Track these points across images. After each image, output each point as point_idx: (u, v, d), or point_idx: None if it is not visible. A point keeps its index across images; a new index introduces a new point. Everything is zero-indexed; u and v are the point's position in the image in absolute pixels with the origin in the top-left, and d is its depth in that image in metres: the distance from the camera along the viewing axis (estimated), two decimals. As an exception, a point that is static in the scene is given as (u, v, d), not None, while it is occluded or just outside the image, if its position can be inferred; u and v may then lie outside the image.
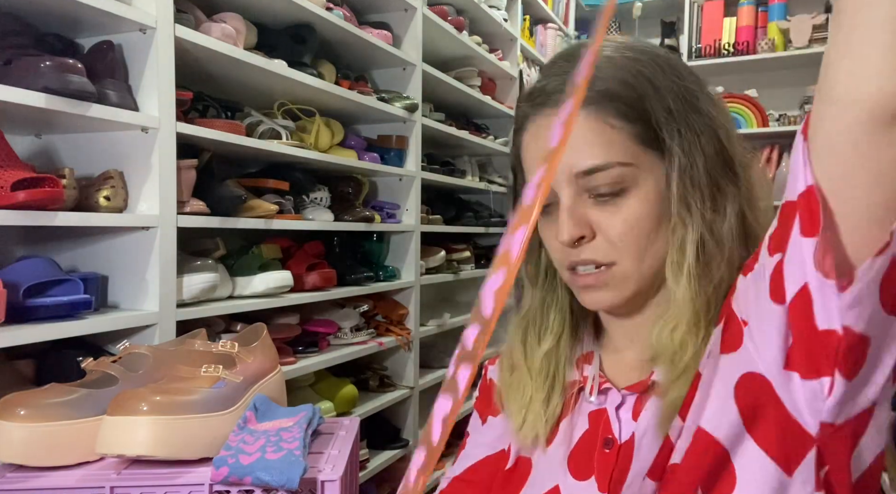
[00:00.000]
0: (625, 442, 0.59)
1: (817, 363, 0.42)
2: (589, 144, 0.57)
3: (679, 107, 0.58)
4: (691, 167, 0.57)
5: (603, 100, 0.57)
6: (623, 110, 0.57)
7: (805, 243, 0.41)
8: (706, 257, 0.56)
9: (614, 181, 0.57)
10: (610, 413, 0.61)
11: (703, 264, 0.56)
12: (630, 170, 0.57)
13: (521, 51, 2.97)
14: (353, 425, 0.98)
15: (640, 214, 0.58)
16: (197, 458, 0.79)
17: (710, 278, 0.56)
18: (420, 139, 2.13)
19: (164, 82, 1.20)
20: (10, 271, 1.03)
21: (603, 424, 0.61)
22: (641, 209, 0.58)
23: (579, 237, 0.58)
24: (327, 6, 1.66)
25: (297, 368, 1.53)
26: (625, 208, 0.58)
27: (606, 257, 0.59)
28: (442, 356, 2.36)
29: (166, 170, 1.20)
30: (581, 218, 0.58)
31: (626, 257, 0.58)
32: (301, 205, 1.68)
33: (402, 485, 0.27)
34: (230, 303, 1.39)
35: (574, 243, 0.59)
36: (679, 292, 0.57)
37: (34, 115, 1.10)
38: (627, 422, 0.60)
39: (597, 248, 0.59)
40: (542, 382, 0.65)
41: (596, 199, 0.58)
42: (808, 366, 0.43)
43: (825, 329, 0.41)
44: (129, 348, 0.89)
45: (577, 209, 0.59)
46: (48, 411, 0.78)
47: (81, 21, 1.16)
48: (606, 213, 0.58)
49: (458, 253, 2.50)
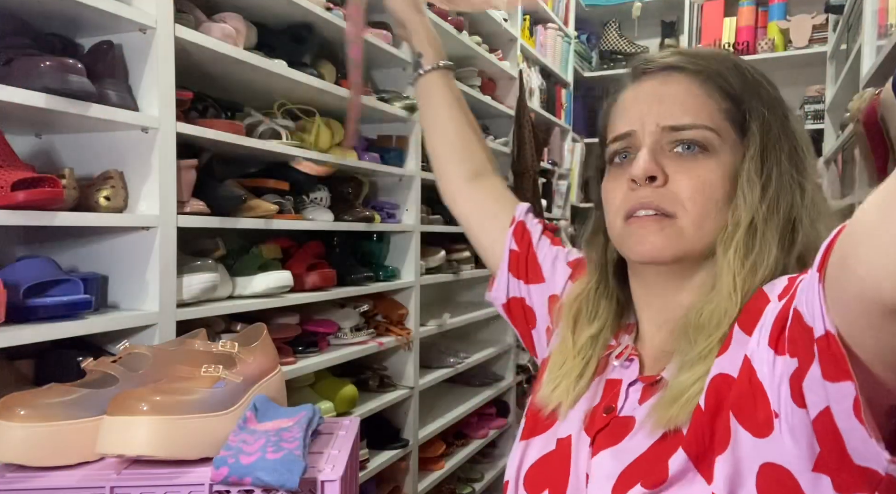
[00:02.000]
0: (622, 417, 0.64)
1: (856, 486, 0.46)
2: (684, 105, 0.62)
3: (769, 106, 0.63)
4: (762, 155, 0.61)
5: (711, 73, 0.63)
6: (724, 88, 0.62)
7: (830, 387, 0.42)
8: (753, 240, 0.59)
9: (697, 140, 0.61)
10: (623, 386, 0.66)
11: (749, 245, 0.59)
12: (714, 136, 0.61)
13: (521, 51, 2.97)
14: (353, 425, 0.98)
15: (712, 178, 0.60)
16: (197, 458, 0.79)
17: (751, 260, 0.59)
18: (420, 139, 2.13)
19: (164, 82, 1.20)
20: (10, 271, 1.03)
21: (613, 394, 0.66)
22: (714, 174, 0.61)
23: (652, 177, 0.61)
24: (327, 6, 1.66)
25: (297, 368, 1.53)
26: (700, 167, 0.61)
27: (671, 206, 0.61)
28: (442, 356, 2.36)
29: (166, 170, 1.20)
30: (658, 162, 0.62)
31: (688, 214, 0.61)
32: (301, 205, 1.68)
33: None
34: (230, 303, 1.39)
35: (646, 181, 0.61)
36: (725, 265, 0.59)
37: (34, 115, 1.09)
38: (632, 402, 0.64)
39: (664, 195, 0.61)
40: (580, 361, 0.70)
41: (675, 153, 0.62)
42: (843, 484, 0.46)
43: (863, 466, 0.43)
44: (129, 348, 0.89)
45: (656, 154, 0.62)
46: (48, 411, 0.78)
47: (81, 21, 1.16)
48: (683, 167, 0.61)
49: (458, 253, 2.50)
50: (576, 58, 3.79)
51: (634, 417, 0.62)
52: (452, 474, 2.36)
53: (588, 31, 4.13)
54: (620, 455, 0.60)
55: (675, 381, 0.59)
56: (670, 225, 0.61)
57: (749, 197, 0.60)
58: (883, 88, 1.60)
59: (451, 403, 2.42)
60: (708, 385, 0.55)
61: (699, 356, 0.58)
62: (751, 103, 0.62)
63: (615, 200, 0.65)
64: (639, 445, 0.59)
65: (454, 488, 2.45)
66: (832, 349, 0.41)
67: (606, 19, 4.02)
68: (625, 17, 3.94)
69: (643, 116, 0.64)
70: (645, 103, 0.64)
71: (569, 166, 3.66)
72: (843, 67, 2.70)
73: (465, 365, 2.40)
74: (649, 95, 0.64)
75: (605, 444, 0.62)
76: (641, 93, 0.65)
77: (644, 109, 0.64)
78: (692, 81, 0.63)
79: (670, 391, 0.58)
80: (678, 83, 0.63)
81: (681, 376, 0.58)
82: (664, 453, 0.56)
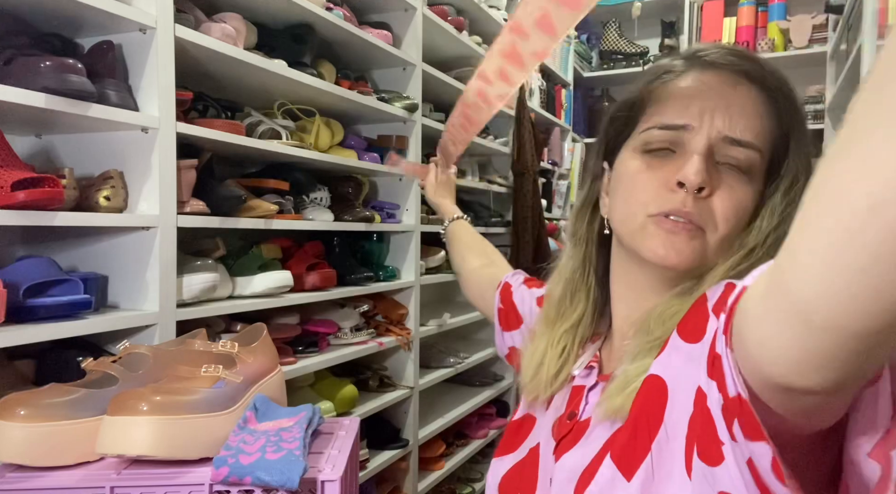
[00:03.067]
0: (583, 421, 0.64)
1: None
2: (749, 119, 0.59)
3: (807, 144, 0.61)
4: (796, 193, 0.59)
5: (775, 94, 0.60)
6: (780, 114, 0.60)
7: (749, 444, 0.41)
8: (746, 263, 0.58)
9: (747, 162, 0.59)
10: (584, 392, 0.67)
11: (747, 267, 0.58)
12: (759, 159, 0.59)
13: (521, 51, 2.96)
14: (353, 425, 0.98)
15: (747, 202, 0.60)
16: (197, 458, 0.79)
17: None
18: (420, 139, 2.13)
19: (164, 82, 1.20)
20: (10, 271, 1.03)
21: (577, 401, 0.67)
22: (749, 199, 0.60)
23: (701, 188, 0.58)
24: (327, 6, 1.66)
25: (297, 368, 1.53)
26: (740, 190, 0.59)
27: (703, 220, 0.59)
28: (442, 356, 2.36)
29: (166, 170, 1.20)
30: (709, 173, 0.59)
31: (718, 233, 0.59)
32: (301, 205, 1.68)
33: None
34: (230, 303, 1.39)
35: (697, 190, 0.58)
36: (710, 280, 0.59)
37: (34, 115, 1.09)
38: (592, 406, 0.65)
39: (702, 207, 0.59)
40: (557, 354, 0.71)
41: (722, 166, 0.60)
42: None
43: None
44: (129, 348, 0.89)
45: (708, 163, 0.59)
46: (48, 411, 0.78)
47: (81, 21, 1.16)
48: (726, 184, 0.59)
49: (458, 253, 2.50)
50: (576, 58, 3.79)
51: (591, 417, 0.63)
52: (452, 474, 2.36)
53: (588, 31, 4.13)
54: (580, 454, 0.61)
55: (622, 371, 0.59)
56: (699, 237, 0.59)
57: (765, 228, 0.59)
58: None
59: (450, 403, 2.42)
60: (642, 384, 0.55)
61: (649, 346, 0.58)
62: (796, 137, 0.60)
63: (645, 192, 0.61)
64: (596, 441, 0.60)
65: (454, 488, 2.45)
66: (745, 410, 0.40)
67: (606, 19, 4.02)
68: (625, 17, 3.94)
69: (707, 114, 0.59)
70: (711, 102, 0.59)
71: (569, 166, 3.67)
72: (843, 66, 2.70)
73: (465, 365, 2.40)
74: (717, 94, 0.60)
75: (567, 447, 0.63)
76: (707, 88, 0.60)
77: (708, 108, 0.59)
78: (759, 95, 0.60)
79: (616, 381, 0.59)
80: (747, 93, 0.59)
81: (626, 369, 0.58)
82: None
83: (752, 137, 0.59)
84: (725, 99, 0.59)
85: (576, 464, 0.60)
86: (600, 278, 0.73)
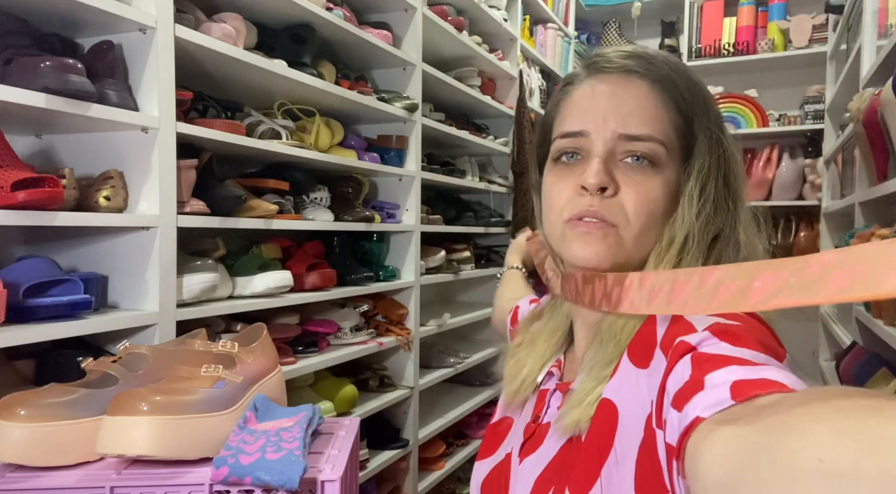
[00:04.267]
0: (543, 425, 0.67)
1: None
2: (642, 114, 0.61)
3: (712, 125, 0.63)
4: (707, 175, 0.61)
5: (668, 85, 0.62)
6: (678, 102, 0.62)
7: None
8: (681, 257, 0.60)
9: (648, 154, 0.61)
10: (547, 396, 0.69)
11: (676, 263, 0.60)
12: (663, 151, 0.61)
13: (521, 51, 2.97)
14: (353, 425, 0.98)
15: (657, 193, 0.61)
16: (197, 458, 0.79)
17: None
18: (420, 139, 2.13)
19: (164, 82, 1.20)
20: (10, 271, 1.03)
21: (542, 403, 0.70)
22: (659, 190, 0.61)
23: (603, 188, 0.61)
24: (327, 6, 1.66)
25: (297, 368, 1.53)
26: (647, 182, 0.61)
27: (615, 217, 0.61)
28: (442, 356, 2.36)
29: (166, 170, 1.20)
30: (610, 172, 0.61)
31: (630, 227, 0.61)
32: (301, 205, 1.68)
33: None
34: (230, 303, 1.39)
35: (597, 191, 0.61)
36: None
37: (34, 115, 1.09)
38: (553, 410, 0.67)
39: (610, 205, 0.61)
40: (538, 364, 0.73)
41: (625, 163, 0.61)
42: None
43: None
44: (129, 348, 0.89)
45: (608, 163, 0.61)
46: (48, 411, 0.78)
47: (81, 21, 1.16)
48: (632, 180, 0.61)
49: (458, 253, 2.50)
50: (576, 58, 3.79)
51: (551, 423, 0.65)
52: (452, 474, 2.36)
53: (588, 31, 4.13)
54: (536, 461, 0.64)
55: (578, 386, 0.60)
56: (612, 234, 0.61)
57: (688, 216, 0.60)
58: (883, 87, 1.60)
59: (450, 403, 2.42)
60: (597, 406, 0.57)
61: (603, 362, 0.59)
62: (700, 121, 0.62)
63: (559, 199, 0.64)
64: (550, 450, 0.63)
65: (454, 488, 2.45)
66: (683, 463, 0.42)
67: (606, 19, 4.02)
68: (625, 17, 3.94)
69: (599, 118, 0.62)
70: (602, 105, 0.63)
71: (569, 166, 3.66)
72: (843, 67, 2.70)
73: (464, 365, 2.40)
74: (607, 96, 0.63)
75: (527, 452, 0.66)
76: (598, 93, 0.63)
77: (600, 112, 0.62)
78: (651, 89, 0.62)
79: (573, 396, 0.60)
80: (638, 89, 0.62)
81: (583, 382, 0.60)
82: (569, 457, 0.59)
83: (650, 129, 0.61)
84: (617, 100, 0.62)
85: (533, 468, 0.63)
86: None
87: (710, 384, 0.43)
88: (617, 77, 0.63)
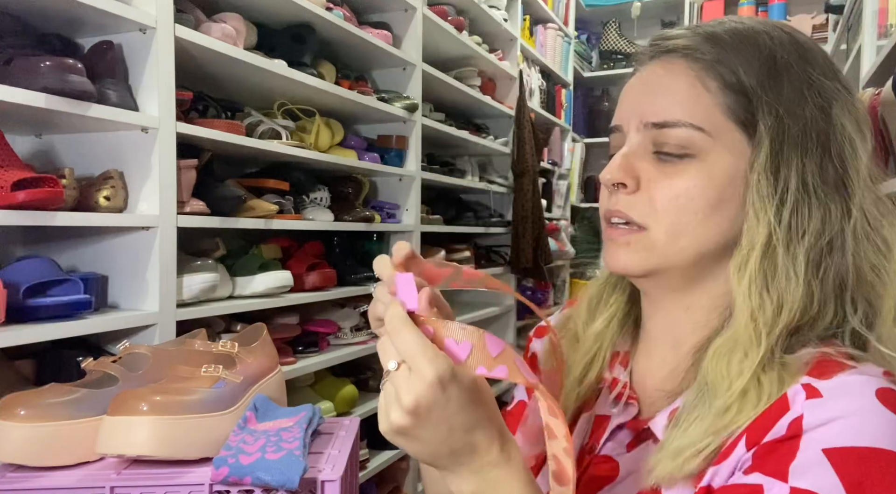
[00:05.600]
0: (599, 456, 0.60)
1: None
2: (669, 98, 0.54)
3: (796, 100, 0.52)
4: (780, 164, 0.51)
5: (713, 63, 0.53)
6: (726, 78, 0.53)
7: None
8: (773, 267, 0.51)
9: (681, 143, 0.53)
10: (610, 426, 0.61)
11: (767, 273, 0.51)
12: (702, 137, 0.53)
13: (521, 51, 2.97)
14: (353, 425, 0.98)
15: (695, 186, 0.53)
16: (197, 458, 0.79)
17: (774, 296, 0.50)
18: (420, 139, 2.13)
19: (164, 82, 1.20)
20: (10, 271, 1.03)
21: (600, 432, 0.62)
22: (699, 183, 0.53)
23: (618, 184, 0.55)
24: (327, 6, 1.66)
25: (297, 368, 1.53)
26: (679, 174, 0.53)
27: (641, 217, 0.55)
28: (442, 356, 2.35)
29: (166, 170, 1.20)
30: (631, 167, 0.55)
31: (661, 226, 0.54)
32: (301, 205, 1.68)
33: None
34: (230, 303, 1.39)
35: (612, 187, 0.56)
36: (740, 296, 0.52)
37: (34, 115, 1.09)
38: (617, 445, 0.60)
39: (634, 204, 0.55)
40: (586, 362, 0.65)
41: (658, 155, 0.55)
42: None
43: None
44: (129, 348, 0.89)
45: (632, 157, 0.56)
46: (48, 411, 0.78)
47: (81, 21, 1.16)
48: (661, 173, 0.54)
49: (458, 253, 2.50)
50: (576, 58, 3.79)
51: (618, 462, 0.58)
52: (452, 474, 2.35)
53: (588, 31, 4.13)
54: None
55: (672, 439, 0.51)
56: (638, 240, 0.55)
57: (762, 214, 0.51)
58: (883, 88, 1.60)
59: (451, 403, 2.42)
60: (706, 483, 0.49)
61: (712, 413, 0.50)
62: (765, 97, 0.52)
63: (601, 200, 0.60)
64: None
65: (454, 488, 2.45)
66: None
67: (606, 19, 4.02)
68: (625, 17, 3.94)
69: (630, 109, 0.57)
70: (633, 95, 0.58)
71: (569, 166, 3.67)
72: (843, 67, 2.70)
73: (465, 365, 2.40)
74: (644, 84, 0.57)
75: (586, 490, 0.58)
76: (638, 81, 0.58)
77: (632, 102, 0.57)
78: (689, 68, 0.54)
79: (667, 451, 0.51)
80: (676, 69, 0.55)
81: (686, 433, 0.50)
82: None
83: (675, 114, 0.53)
84: (650, 86, 0.56)
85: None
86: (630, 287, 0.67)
87: None
88: (661, 60, 0.57)
